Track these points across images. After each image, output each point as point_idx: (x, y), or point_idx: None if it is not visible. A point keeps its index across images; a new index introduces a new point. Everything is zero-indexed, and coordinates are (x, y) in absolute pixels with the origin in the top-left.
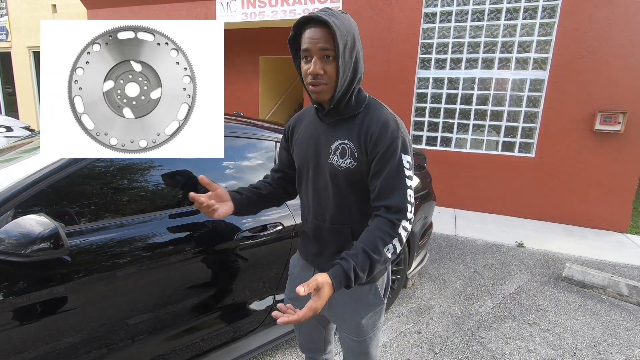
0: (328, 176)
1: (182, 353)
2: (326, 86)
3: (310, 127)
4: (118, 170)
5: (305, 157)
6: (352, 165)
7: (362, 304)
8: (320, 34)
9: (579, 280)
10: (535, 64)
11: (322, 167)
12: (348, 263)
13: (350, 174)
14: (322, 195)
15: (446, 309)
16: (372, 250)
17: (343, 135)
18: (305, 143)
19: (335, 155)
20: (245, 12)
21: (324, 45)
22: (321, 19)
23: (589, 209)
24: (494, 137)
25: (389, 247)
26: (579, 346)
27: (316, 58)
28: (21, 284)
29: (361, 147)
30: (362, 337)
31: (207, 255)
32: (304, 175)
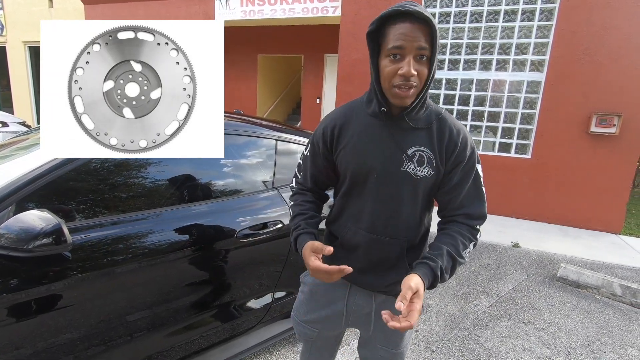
0: (401, 185)
1: (180, 350)
2: (415, 90)
3: (367, 129)
4: (119, 167)
5: (367, 163)
6: (429, 174)
7: None
8: (419, 32)
9: (574, 280)
10: (533, 66)
11: (392, 175)
12: (435, 262)
13: (426, 183)
14: (387, 205)
15: (443, 307)
16: (455, 253)
17: (420, 142)
18: (364, 147)
19: (411, 162)
20: (244, 10)
21: (423, 44)
22: (422, 14)
23: (583, 210)
24: (491, 138)
25: (467, 251)
26: (573, 345)
27: (411, 58)
28: (23, 280)
29: (442, 155)
30: (400, 349)
31: (208, 252)
32: (361, 183)
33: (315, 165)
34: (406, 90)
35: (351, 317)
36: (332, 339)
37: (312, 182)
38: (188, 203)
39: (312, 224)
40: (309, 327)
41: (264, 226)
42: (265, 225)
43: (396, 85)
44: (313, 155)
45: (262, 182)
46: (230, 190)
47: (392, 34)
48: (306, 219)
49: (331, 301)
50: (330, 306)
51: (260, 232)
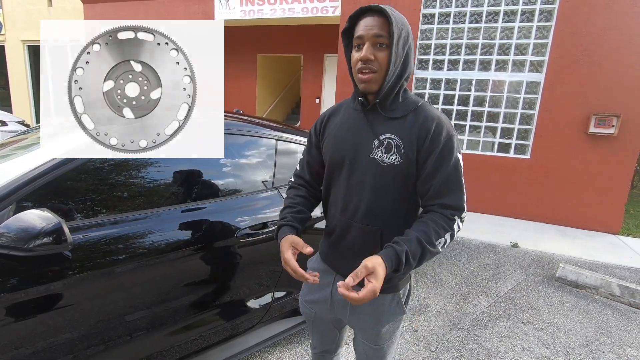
0: (367, 171)
1: (180, 350)
2: (375, 74)
3: (348, 120)
4: (118, 167)
5: (341, 150)
6: (397, 162)
7: (384, 313)
8: (376, 22)
9: (572, 280)
10: (532, 67)
11: (361, 161)
12: (401, 247)
13: (394, 170)
14: (355, 191)
15: (442, 307)
16: (425, 241)
17: (390, 130)
18: (342, 135)
19: (379, 150)
20: (244, 9)
21: (378, 31)
22: (378, 8)
23: (582, 210)
24: (490, 138)
25: (441, 241)
26: (571, 345)
27: (368, 44)
28: (23, 279)
29: (412, 143)
30: (380, 345)
31: (208, 252)
32: (336, 169)
33: (310, 155)
34: (367, 73)
35: (335, 305)
36: (328, 323)
37: (307, 171)
38: (187, 203)
39: (297, 219)
40: (308, 307)
41: (264, 226)
42: (265, 225)
43: (358, 69)
44: (309, 146)
45: (262, 181)
46: (230, 189)
47: (357, 28)
48: (293, 212)
49: (321, 287)
50: (320, 291)
51: (261, 231)
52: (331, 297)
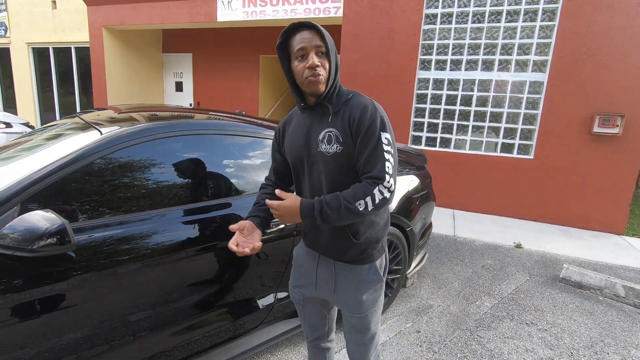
0: (320, 164)
1: (183, 350)
2: (323, 77)
3: (299, 125)
4: (123, 168)
5: (298, 150)
6: (338, 150)
7: (362, 282)
8: (313, 35)
9: (577, 281)
10: (535, 66)
11: (314, 156)
12: (321, 197)
13: (338, 158)
14: (316, 182)
15: (445, 308)
16: (343, 197)
17: (328, 125)
18: (296, 138)
19: (323, 143)
20: (246, 10)
21: (319, 42)
22: (311, 24)
23: (586, 211)
24: (493, 139)
25: (360, 202)
26: (576, 346)
27: (312, 53)
28: (27, 280)
29: (346, 131)
30: (363, 313)
31: (209, 253)
32: (299, 168)
33: (275, 160)
34: (317, 77)
35: (321, 284)
36: (316, 304)
37: (274, 175)
38: (190, 204)
39: (261, 210)
40: (296, 292)
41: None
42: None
43: (309, 76)
44: (273, 152)
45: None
46: (232, 191)
47: (295, 41)
48: (257, 206)
49: (307, 269)
50: (305, 274)
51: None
52: (316, 278)
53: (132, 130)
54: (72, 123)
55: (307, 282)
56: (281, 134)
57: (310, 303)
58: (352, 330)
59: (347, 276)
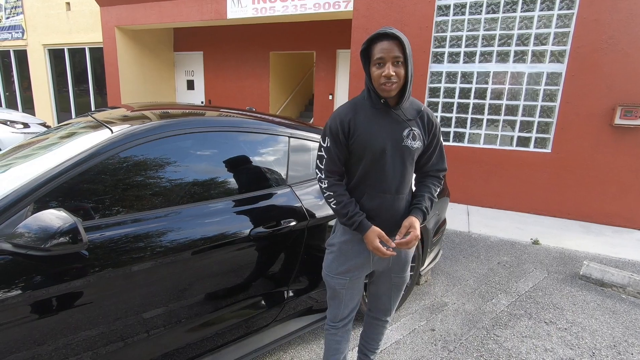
0: (403, 156)
1: (196, 347)
2: (395, 85)
3: (376, 118)
4: (136, 166)
5: (380, 142)
6: (420, 146)
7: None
8: (392, 45)
9: (598, 278)
10: (553, 57)
11: (399, 149)
12: (421, 205)
13: (418, 152)
14: (399, 171)
15: (460, 306)
16: (431, 196)
17: (410, 124)
18: (375, 130)
19: (408, 139)
20: (256, 7)
21: (397, 54)
22: (393, 34)
23: (607, 205)
24: (509, 132)
25: (436, 192)
26: (598, 346)
27: (389, 64)
28: (41, 278)
29: (425, 132)
30: (406, 273)
31: (222, 250)
32: (376, 158)
33: (341, 151)
34: (389, 85)
35: (375, 259)
36: (361, 281)
37: (341, 164)
38: (202, 201)
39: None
40: (342, 277)
41: (277, 224)
42: (279, 223)
43: (382, 83)
44: (335, 143)
45: (276, 179)
46: (243, 187)
47: (376, 49)
48: (357, 207)
49: (359, 252)
50: (359, 256)
51: (274, 229)
52: (372, 257)
53: (143, 128)
54: (85, 122)
55: (358, 263)
56: (352, 127)
57: (357, 281)
58: (393, 288)
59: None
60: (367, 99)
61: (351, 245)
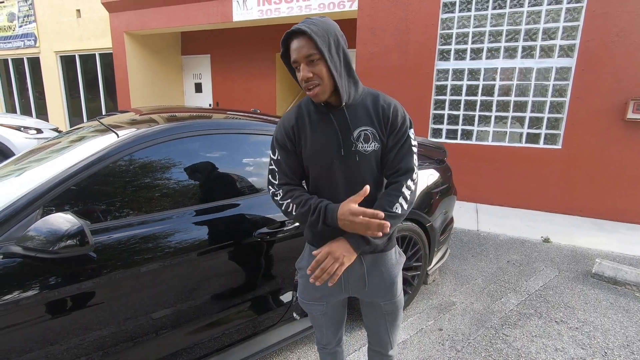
0: (356, 163)
1: (204, 347)
2: (321, 87)
3: (319, 122)
4: (143, 169)
5: (325, 150)
6: (376, 148)
7: (392, 266)
8: (302, 43)
9: (610, 276)
10: (562, 52)
11: (349, 156)
12: None
13: (377, 155)
14: (354, 181)
15: (468, 305)
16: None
17: (360, 124)
18: (320, 137)
19: (359, 141)
20: (261, 9)
21: (307, 51)
22: (299, 30)
23: (620, 202)
24: (518, 129)
25: (395, 205)
26: (610, 346)
27: (303, 64)
28: (51, 280)
29: (382, 129)
30: (397, 296)
31: (227, 251)
32: (324, 168)
33: (293, 161)
34: (312, 89)
35: (350, 283)
36: (339, 305)
37: (296, 176)
38: (206, 203)
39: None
40: (318, 303)
41: (282, 224)
42: (283, 224)
43: (305, 88)
44: (286, 154)
45: None
46: (248, 189)
47: (291, 52)
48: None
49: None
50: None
51: (279, 230)
52: (344, 280)
53: (149, 132)
54: (92, 127)
55: (331, 288)
56: (297, 134)
57: (334, 308)
58: (387, 318)
59: (378, 265)
60: (310, 102)
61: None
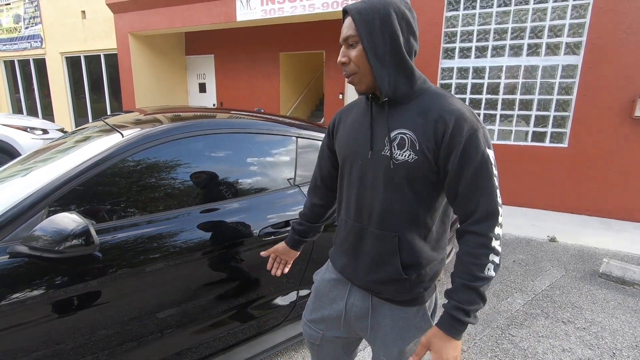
0: (381, 170)
1: (208, 346)
2: (357, 75)
3: (360, 116)
4: (145, 168)
5: (354, 147)
6: (411, 159)
7: (409, 328)
8: (346, 23)
9: (618, 276)
10: (568, 49)
11: (374, 159)
12: (450, 304)
13: (407, 169)
14: (369, 192)
15: None
16: (473, 278)
17: (403, 124)
18: (354, 132)
19: (392, 146)
20: (265, 8)
21: (347, 33)
22: (345, 9)
23: (627, 200)
24: (523, 128)
25: (488, 267)
26: (618, 346)
27: (343, 47)
28: (57, 279)
29: (428, 138)
30: None
31: (232, 250)
32: (347, 168)
33: (325, 155)
34: (348, 78)
35: (351, 319)
36: (337, 346)
37: (323, 172)
38: (210, 202)
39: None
40: (314, 328)
41: (286, 224)
42: (287, 223)
43: (345, 76)
44: (322, 150)
45: (284, 180)
46: (252, 189)
47: None
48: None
49: (333, 300)
50: (331, 305)
51: (283, 230)
52: (345, 312)
53: (153, 131)
54: (97, 127)
55: (331, 316)
56: (335, 127)
57: (329, 345)
58: None
59: (388, 318)
60: None
61: (328, 289)
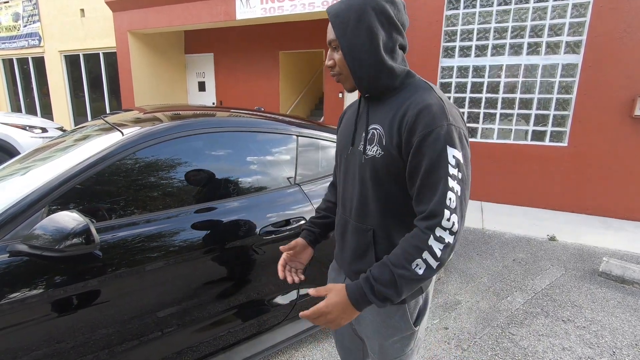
0: (356, 165)
1: (209, 345)
2: (342, 76)
3: (353, 113)
4: (146, 167)
5: (342, 143)
6: (378, 155)
7: (386, 325)
8: (330, 29)
9: (618, 275)
10: (568, 48)
11: (353, 154)
12: (365, 273)
13: (374, 165)
14: (349, 186)
15: (474, 304)
16: (392, 263)
17: (378, 120)
18: (344, 129)
19: (365, 141)
20: (264, 7)
21: (329, 37)
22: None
23: (627, 200)
24: (523, 127)
25: (417, 262)
26: (618, 345)
27: (329, 50)
28: (57, 278)
29: (392, 133)
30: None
31: (232, 249)
32: (337, 163)
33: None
34: (334, 77)
35: None
36: (349, 329)
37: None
38: (210, 201)
39: (317, 222)
40: None
41: (286, 223)
42: (288, 222)
43: None
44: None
45: (284, 178)
46: (253, 187)
47: None
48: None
49: None
50: None
51: (283, 228)
52: None
53: (153, 130)
54: (97, 125)
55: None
56: (340, 121)
57: (345, 336)
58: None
59: (368, 311)
60: None
61: (333, 276)
